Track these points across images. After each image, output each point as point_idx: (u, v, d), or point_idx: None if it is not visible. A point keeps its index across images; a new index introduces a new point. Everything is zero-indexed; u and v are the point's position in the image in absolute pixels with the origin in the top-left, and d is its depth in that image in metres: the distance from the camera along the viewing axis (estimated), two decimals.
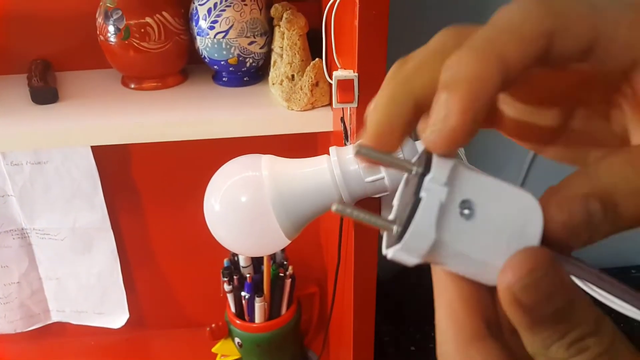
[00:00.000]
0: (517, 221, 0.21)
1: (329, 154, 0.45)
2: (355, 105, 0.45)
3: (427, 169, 0.21)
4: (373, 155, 0.23)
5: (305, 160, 0.46)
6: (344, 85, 0.44)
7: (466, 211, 0.21)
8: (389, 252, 0.22)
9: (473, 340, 0.22)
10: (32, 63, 0.70)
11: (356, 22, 0.42)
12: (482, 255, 0.21)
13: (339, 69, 0.45)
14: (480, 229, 0.21)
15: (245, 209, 0.45)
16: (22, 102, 0.65)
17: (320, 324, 0.94)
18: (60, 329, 0.93)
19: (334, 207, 0.22)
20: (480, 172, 0.22)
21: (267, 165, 0.45)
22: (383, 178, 0.43)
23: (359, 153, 0.22)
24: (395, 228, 0.21)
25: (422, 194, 0.21)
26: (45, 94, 0.64)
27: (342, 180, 0.44)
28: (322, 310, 0.94)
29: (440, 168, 0.21)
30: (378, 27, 0.42)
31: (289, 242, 0.47)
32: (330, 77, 0.52)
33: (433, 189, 0.21)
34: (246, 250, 0.48)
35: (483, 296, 0.23)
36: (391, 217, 0.23)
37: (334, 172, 0.44)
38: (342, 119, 0.50)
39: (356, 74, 0.43)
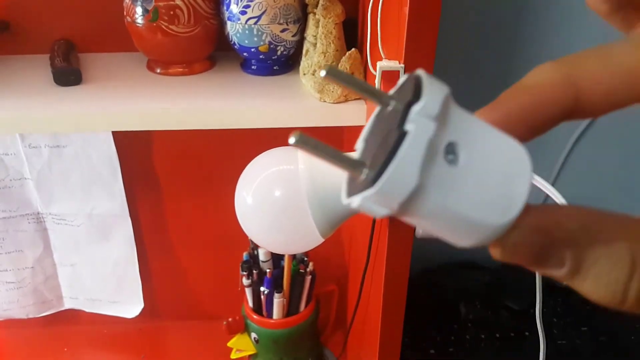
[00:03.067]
0: (505, 174, 0.19)
1: None
2: None
3: (415, 97, 0.18)
4: (341, 77, 0.19)
5: (345, 154, 0.44)
6: (389, 76, 0.41)
7: (451, 156, 0.18)
8: (355, 200, 0.18)
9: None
10: (55, 43, 0.68)
11: (406, 9, 0.39)
12: (464, 209, 0.18)
13: (383, 59, 0.43)
14: (464, 178, 0.18)
15: (279, 204, 0.43)
16: (43, 83, 0.63)
17: (337, 323, 0.92)
18: (73, 316, 0.92)
19: (291, 139, 0.18)
20: (471, 114, 0.19)
21: (303, 158, 0.43)
22: None
23: (327, 73, 0.19)
24: (365, 171, 0.18)
25: (409, 126, 0.17)
26: (68, 75, 0.61)
27: None
28: (340, 309, 0.92)
29: (432, 96, 0.17)
30: (429, 16, 0.39)
31: (323, 240, 0.44)
32: (370, 67, 0.49)
33: (422, 123, 0.17)
34: (277, 246, 0.45)
35: None
36: (357, 156, 0.19)
37: None
38: None
39: (402, 65, 0.41)
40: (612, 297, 0.19)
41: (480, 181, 0.18)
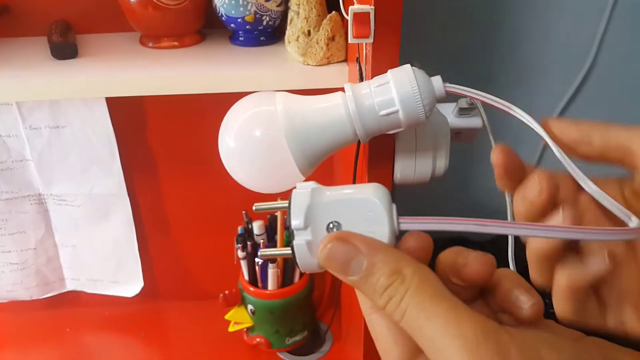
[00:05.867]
0: (371, 215, 0.28)
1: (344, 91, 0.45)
2: (371, 40, 0.45)
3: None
4: (267, 208, 0.33)
5: (321, 96, 0.46)
6: (360, 18, 0.44)
7: (334, 229, 0.28)
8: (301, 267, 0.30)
9: None
10: (53, 24, 0.71)
11: None
12: None
13: (355, 4, 0.45)
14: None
15: (259, 143, 0.45)
16: (42, 58, 0.66)
17: (332, 298, 0.94)
18: (75, 297, 0.94)
19: (260, 253, 0.32)
20: (338, 191, 0.29)
21: (281, 100, 0.46)
22: (398, 111, 0.43)
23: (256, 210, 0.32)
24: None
25: (293, 241, 0.29)
26: (65, 48, 0.65)
27: (356, 114, 0.44)
28: (334, 284, 0.94)
29: (296, 216, 0.29)
30: None
31: (304, 178, 0.47)
32: (344, 14, 0.52)
33: (299, 235, 0.29)
34: (261, 185, 0.47)
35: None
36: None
37: (349, 107, 0.44)
38: (358, 59, 0.50)
39: (372, 7, 0.43)
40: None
41: (359, 229, 0.28)
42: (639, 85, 0.89)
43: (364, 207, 0.28)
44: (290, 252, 0.29)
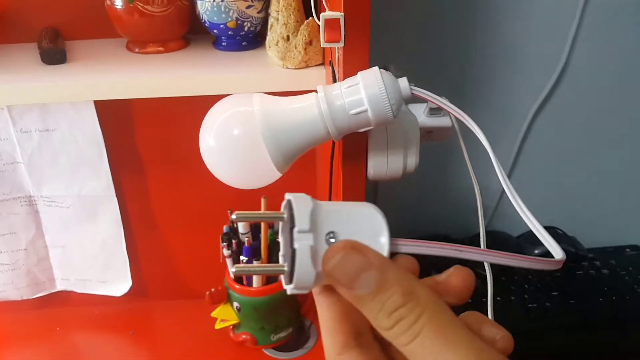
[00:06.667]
0: (369, 229, 0.28)
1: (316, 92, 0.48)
2: (342, 44, 0.48)
3: (292, 220, 0.27)
4: (248, 217, 0.30)
5: (295, 97, 0.49)
6: (331, 24, 0.47)
7: (332, 240, 0.27)
8: (287, 289, 0.27)
9: (342, 351, 0.28)
10: (43, 30, 0.73)
11: None
12: None
13: (326, 11, 0.48)
14: None
15: (237, 142, 0.48)
16: (32, 64, 0.68)
17: None
18: (64, 297, 0.96)
19: (232, 270, 0.30)
20: (335, 203, 0.29)
21: (258, 101, 0.48)
22: (366, 110, 0.46)
23: (237, 218, 0.29)
24: (287, 271, 0.28)
25: (295, 244, 0.27)
26: (54, 54, 0.67)
27: (328, 114, 0.47)
28: None
29: (301, 217, 0.27)
30: None
31: (280, 175, 0.49)
32: (316, 20, 0.55)
33: (301, 238, 0.27)
34: (240, 182, 0.50)
35: (355, 313, 0.27)
36: (281, 261, 0.29)
37: (321, 107, 0.47)
38: (331, 62, 0.53)
39: (342, 14, 0.47)
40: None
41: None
42: (612, 82, 0.93)
43: (365, 220, 0.28)
44: (266, 269, 0.30)
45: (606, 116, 0.96)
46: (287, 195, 0.28)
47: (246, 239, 0.83)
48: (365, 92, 0.45)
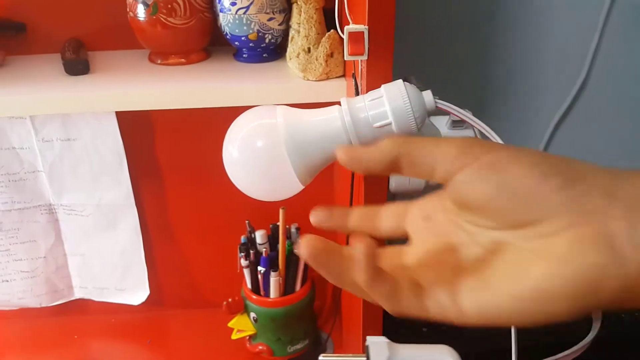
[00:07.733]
0: None
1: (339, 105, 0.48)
2: (365, 57, 0.48)
3: None
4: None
5: (318, 109, 0.49)
6: (355, 37, 0.47)
7: None
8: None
9: None
10: (66, 41, 0.74)
11: None
12: None
13: (350, 24, 0.49)
14: None
15: (261, 154, 0.48)
16: (55, 74, 0.69)
17: (332, 308, 0.96)
18: (82, 305, 0.97)
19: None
20: (411, 346, 0.36)
21: (282, 113, 0.49)
22: (390, 123, 0.46)
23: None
24: None
25: None
26: (77, 65, 0.68)
27: (352, 126, 0.47)
28: (334, 293, 0.96)
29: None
30: None
31: (303, 187, 0.49)
32: (340, 33, 0.55)
33: None
34: (263, 194, 0.50)
35: None
36: None
37: (345, 119, 0.47)
38: (354, 75, 0.54)
39: (366, 27, 0.47)
40: None
41: None
42: (632, 96, 0.92)
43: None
44: None
45: (627, 131, 0.95)
46: (368, 340, 0.36)
47: (264, 249, 0.83)
48: (389, 104, 0.45)
